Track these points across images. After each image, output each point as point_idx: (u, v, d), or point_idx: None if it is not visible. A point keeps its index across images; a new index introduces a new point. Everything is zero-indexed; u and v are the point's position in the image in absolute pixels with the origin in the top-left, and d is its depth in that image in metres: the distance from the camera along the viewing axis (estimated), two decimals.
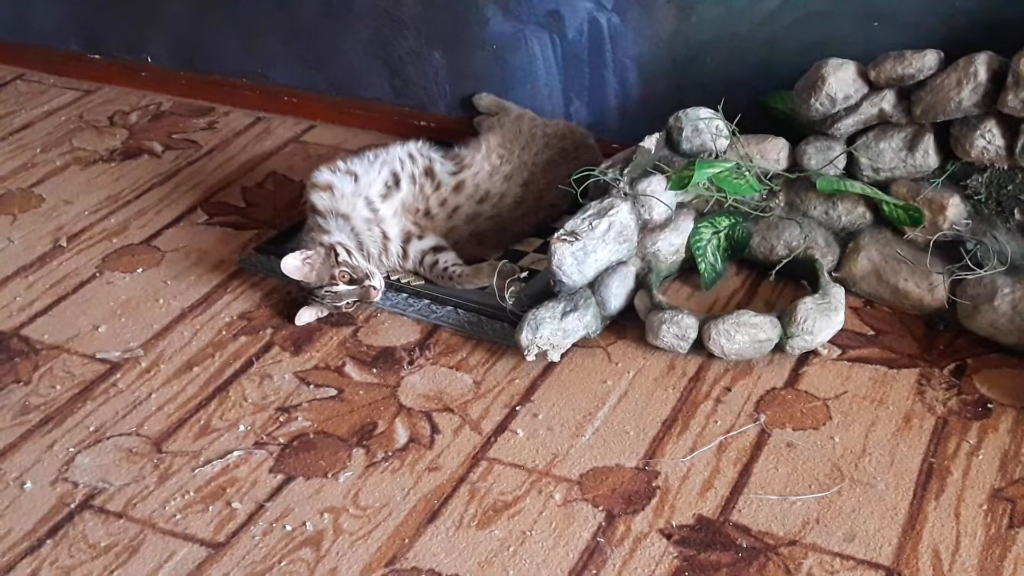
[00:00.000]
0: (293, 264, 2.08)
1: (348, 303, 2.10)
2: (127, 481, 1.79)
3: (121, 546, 1.67)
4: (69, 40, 3.13)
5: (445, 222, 2.25)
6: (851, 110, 2.06)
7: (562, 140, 2.41)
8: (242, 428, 1.89)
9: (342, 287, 2.08)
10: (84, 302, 2.22)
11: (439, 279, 2.19)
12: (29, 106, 3.00)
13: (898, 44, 2.05)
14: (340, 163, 2.24)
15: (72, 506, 1.75)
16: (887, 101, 2.04)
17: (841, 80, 2.05)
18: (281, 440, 1.86)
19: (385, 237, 2.21)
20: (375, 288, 2.09)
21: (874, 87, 2.05)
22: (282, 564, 1.63)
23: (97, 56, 3.11)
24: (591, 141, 2.46)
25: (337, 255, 2.09)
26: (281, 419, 1.90)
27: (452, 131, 2.62)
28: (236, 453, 1.83)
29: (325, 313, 2.13)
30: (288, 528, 1.69)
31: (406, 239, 2.22)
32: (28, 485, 1.79)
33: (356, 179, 2.21)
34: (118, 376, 2.02)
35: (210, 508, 1.73)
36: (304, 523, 1.70)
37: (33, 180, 2.66)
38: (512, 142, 2.36)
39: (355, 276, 2.08)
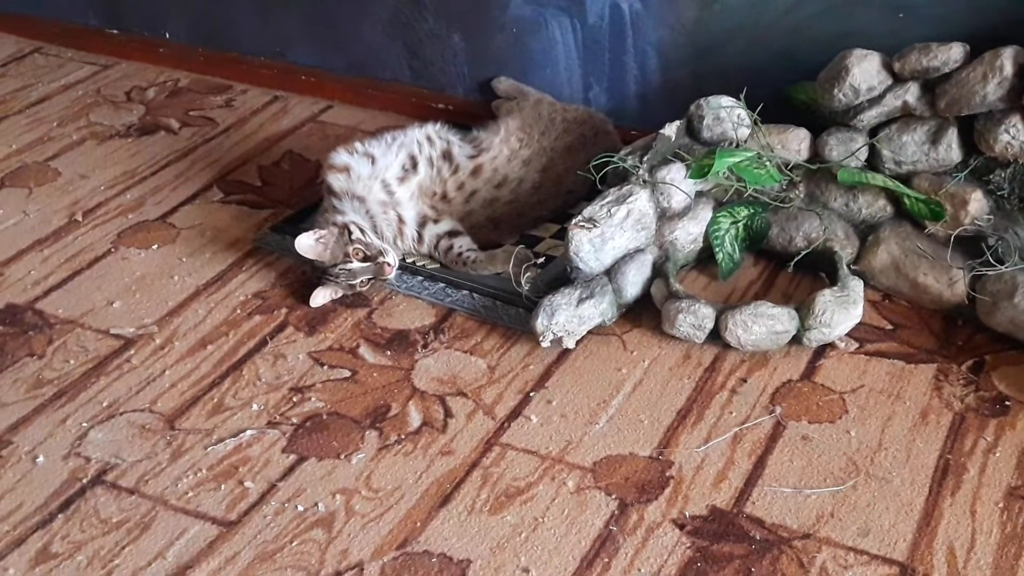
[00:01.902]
0: (307, 243, 2.07)
1: (363, 281, 2.09)
2: (140, 457, 1.79)
3: (133, 522, 1.67)
4: (88, 14, 3.12)
5: (462, 206, 2.24)
6: (874, 102, 2.05)
7: (581, 126, 2.39)
8: (255, 407, 1.88)
9: (356, 264, 2.07)
10: (99, 277, 2.22)
11: (453, 264, 2.18)
12: (46, 80, 2.99)
13: (923, 36, 2.03)
14: (357, 144, 2.23)
15: (84, 481, 1.74)
16: (911, 93, 2.03)
17: (865, 71, 2.03)
18: (294, 420, 1.85)
19: (400, 220, 2.20)
20: (389, 264, 2.08)
21: (898, 79, 2.04)
22: (293, 544, 1.63)
23: (115, 31, 3.10)
24: (610, 127, 2.45)
25: (351, 233, 2.08)
26: (294, 399, 1.90)
27: (470, 114, 2.61)
28: (249, 432, 1.83)
29: (340, 294, 2.12)
30: (300, 508, 1.69)
31: (422, 223, 2.21)
32: (40, 459, 1.79)
33: (373, 161, 2.20)
34: (132, 352, 2.01)
35: (222, 486, 1.73)
36: (316, 504, 1.69)
37: (49, 154, 2.65)
38: (531, 127, 2.34)
39: (369, 253, 2.08)
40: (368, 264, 2.08)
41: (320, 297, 2.10)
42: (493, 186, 2.26)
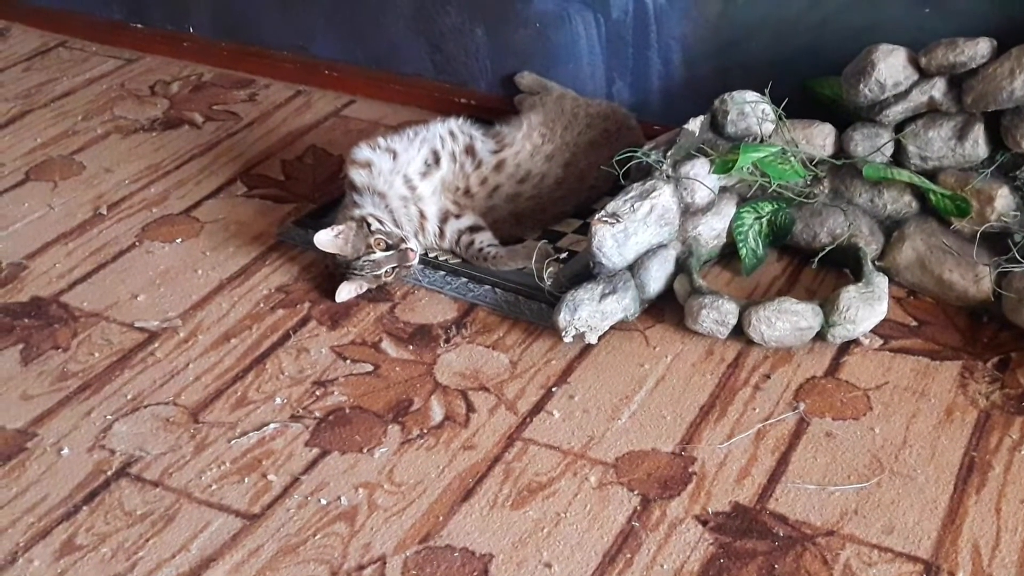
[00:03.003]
0: (326, 238, 2.08)
1: (388, 271, 2.09)
2: (164, 450, 1.80)
3: (157, 515, 1.68)
4: (112, 8, 3.13)
5: (485, 201, 2.24)
6: (900, 97, 2.03)
7: (605, 121, 2.39)
8: (278, 401, 1.89)
9: (379, 254, 2.07)
10: (123, 271, 2.23)
11: (475, 259, 2.18)
12: (71, 73, 3.01)
13: (949, 31, 2.01)
14: (380, 140, 2.23)
15: (109, 473, 1.76)
16: (937, 89, 2.01)
17: (891, 66, 2.01)
18: (317, 414, 1.86)
19: (422, 216, 2.20)
20: (412, 250, 2.09)
21: (924, 74, 2.02)
22: (316, 537, 1.63)
23: (139, 25, 3.12)
24: (634, 122, 2.44)
25: (370, 225, 2.09)
26: (317, 393, 1.90)
27: (492, 109, 2.60)
28: (272, 426, 1.84)
29: (364, 288, 2.12)
30: (323, 502, 1.69)
31: (443, 218, 2.21)
32: (65, 451, 1.80)
33: (395, 156, 2.20)
34: (156, 345, 2.02)
35: (246, 480, 1.73)
36: (339, 497, 1.70)
37: (74, 147, 2.67)
38: (554, 122, 2.34)
39: (391, 242, 2.08)
40: (391, 252, 2.08)
41: (345, 292, 2.11)
42: (516, 181, 2.26)
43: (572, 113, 2.37)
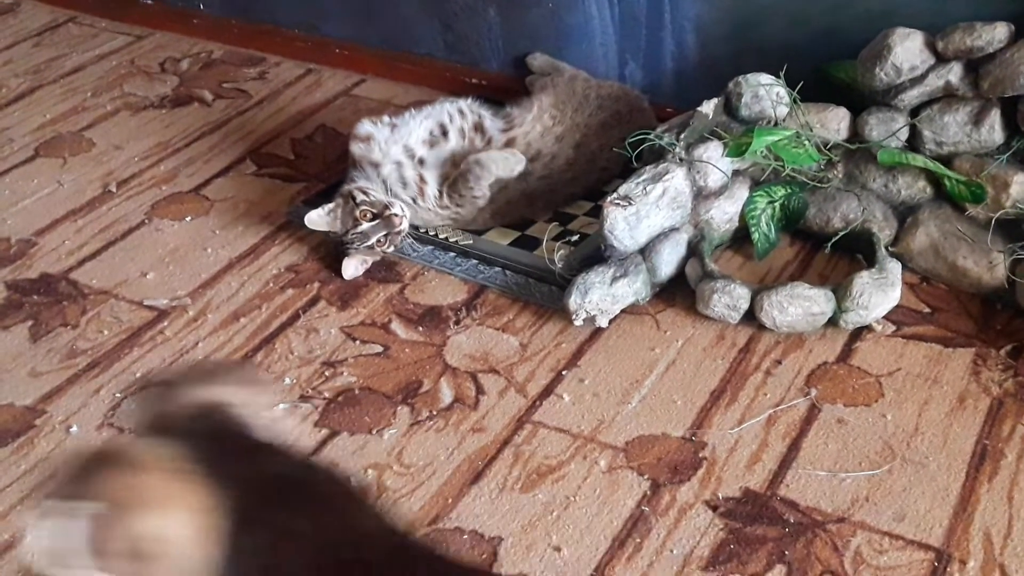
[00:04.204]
0: (316, 217, 2.10)
1: (379, 240, 2.09)
2: None
3: None
4: None
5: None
6: (916, 81, 2.01)
7: (616, 103, 2.37)
8: (288, 381, 1.88)
9: (365, 225, 2.07)
10: (132, 248, 2.23)
11: (458, 187, 2.16)
12: (80, 49, 2.99)
13: (966, 15, 1.99)
14: (385, 116, 2.24)
15: None
16: (954, 73, 1.99)
17: (908, 50, 1.99)
18: (326, 394, 1.86)
19: (422, 180, 2.19)
20: (396, 215, 2.09)
21: (941, 59, 2.00)
22: None
23: (150, 1, 3.10)
24: (646, 104, 2.42)
25: (354, 198, 2.09)
26: (327, 373, 1.90)
27: (504, 89, 2.59)
28: (281, 406, 1.83)
29: (369, 263, 2.12)
30: None
31: (444, 181, 2.21)
32: (74, 429, 1.80)
33: (394, 128, 2.20)
34: (165, 324, 2.02)
35: None
36: (348, 478, 1.69)
37: (83, 124, 2.66)
38: (565, 103, 2.32)
39: (375, 211, 2.08)
40: (377, 222, 2.08)
41: (351, 268, 2.10)
42: (527, 159, 2.24)
43: (583, 95, 2.35)
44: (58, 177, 2.46)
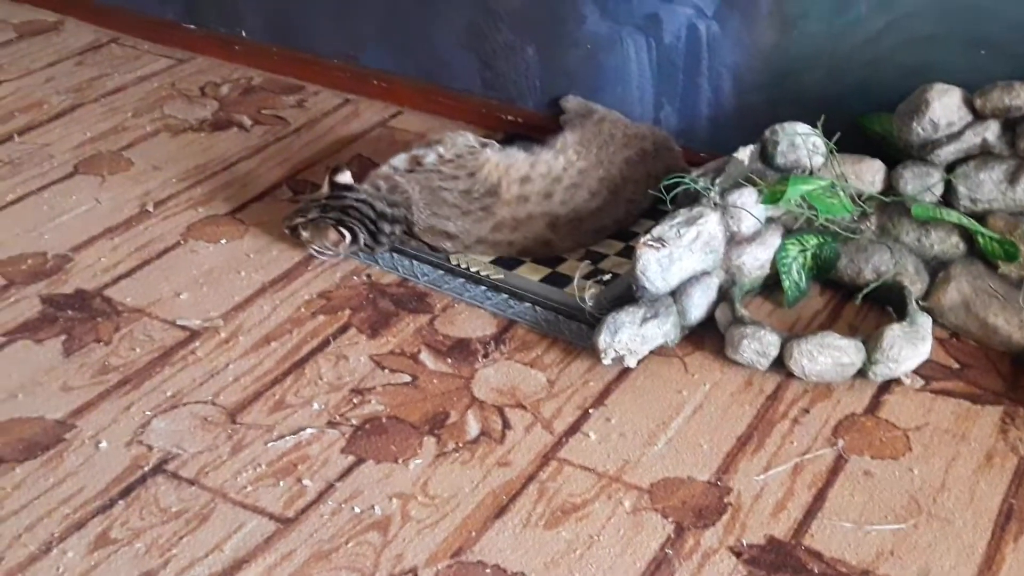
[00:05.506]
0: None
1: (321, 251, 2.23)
2: (201, 449, 1.80)
3: (192, 513, 1.69)
4: (167, 8, 3.16)
5: (516, 205, 2.24)
6: (953, 137, 2.03)
7: (642, 140, 2.39)
8: (316, 406, 1.89)
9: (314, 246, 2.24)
10: (167, 268, 2.25)
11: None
12: (123, 70, 3.03)
13: (1004, 74, 2.01)
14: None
15: (146, 469, 1.76)
16: (991, 132, 2.01)
17: (946, 106, 2.01)
18: (354, 421, 1.86)
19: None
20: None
21: (979, 116, 2.02)
22: (349, 545, 1.63)
23: (193, 26, 3.14)
24: (673, 144, 2.44)
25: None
26: (355, 401, 1.91)
27: (539, 127, 2.61)
28: (309, 431, 1.84)
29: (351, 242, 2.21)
30: (357, 510, 1.69)
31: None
32: (103, 444, 1.81)
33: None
34: (197, 344, 2.03)
35: (281, 483, 1.74)
36: (373, 506, 1.70)
37: (123, 143, 2.69)
38: (590, 141, 2.35)
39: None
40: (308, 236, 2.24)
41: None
42: (548, 181, 2.26)
43: (609, 134, 2.38)
44: (96, 195, 2.49)
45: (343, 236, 2.18)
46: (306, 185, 2.53)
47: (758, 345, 1.92)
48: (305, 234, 2.22)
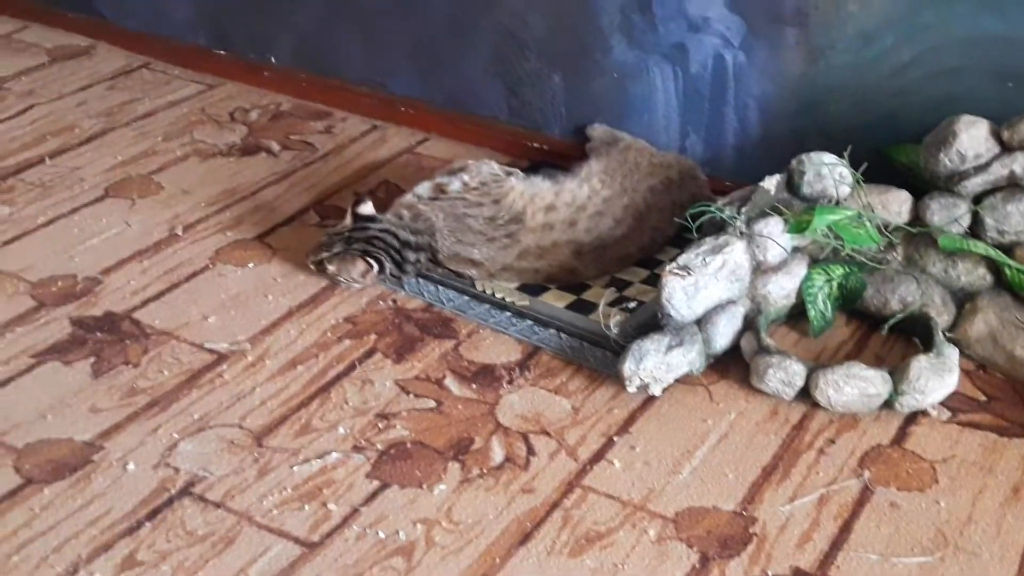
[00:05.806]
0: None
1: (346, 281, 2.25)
2: (227, 472, 1.81)
3: (218, 536, 1.69)
4: (198, 34, 3.20)
5: (542, 226, 2.25)
6: (980, 169, 2.03)
7: (667, 169, 2.40)
8: (341, 431, 1.90)
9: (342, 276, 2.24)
10: (195, 291, 2.27)
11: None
12: (153, 95, 3.07)
13: None
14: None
15: (172, 492, 1.77)
16: (1019, 164, 2.00)
17: (973, 138, 2.01)
18: (379, 446, 1.87)
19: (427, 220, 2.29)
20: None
21: (1006, 148, 2.01)
22: (373, 570, 1.64)
23: (223, 52, 3.18)
24: (698, 173, 2.45)
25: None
26: (380, 425, 1.92)
27: (565, 155, 2.62)
28: (334, 455, 1.85)
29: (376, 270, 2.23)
30: (381, 535, 1.70)
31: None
32: (131, 466, 1.83)
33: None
34: (224, 367, 2.05)
35: (306, 507, 1.75)
36: (397, 531, 1.71)
37: (153, 167, 2.72)
38: (615, 170, 2.36)
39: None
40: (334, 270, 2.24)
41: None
42: (573, 209, 2.27)
43: (635, 162, 2.39)
44: (126, 218, 2.52)
45: (371, 266, 2.19)
46: (333, 211, 2.55)
47: (784, 375, 1.92)
48: (332, 268, 2.23)
